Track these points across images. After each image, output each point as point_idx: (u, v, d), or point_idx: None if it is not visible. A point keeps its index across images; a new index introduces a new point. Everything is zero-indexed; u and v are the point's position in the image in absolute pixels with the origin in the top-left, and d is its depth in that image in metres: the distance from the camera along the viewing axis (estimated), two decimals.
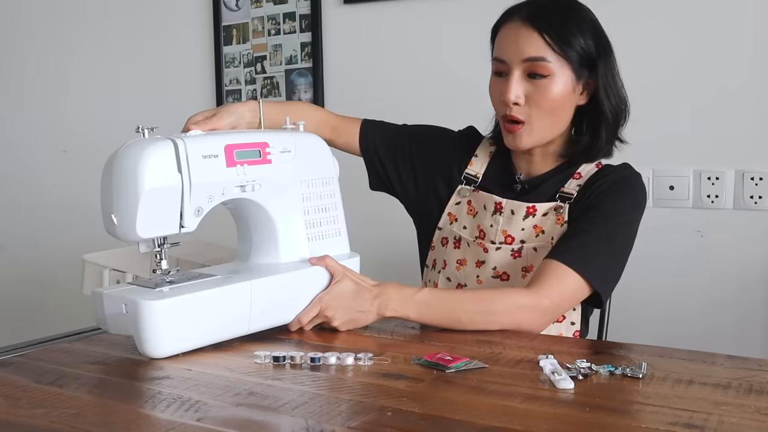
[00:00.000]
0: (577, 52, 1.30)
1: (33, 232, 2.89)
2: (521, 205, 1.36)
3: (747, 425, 0.79)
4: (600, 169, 1.37)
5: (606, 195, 1.31)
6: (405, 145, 1.50)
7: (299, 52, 2.32)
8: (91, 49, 2.73)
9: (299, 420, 0.82)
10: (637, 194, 1.35)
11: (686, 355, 1.06)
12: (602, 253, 1.28)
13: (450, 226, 1.44)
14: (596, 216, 1.29)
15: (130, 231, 1.09)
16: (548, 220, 1.34)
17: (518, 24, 1.31)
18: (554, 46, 1.28)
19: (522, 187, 1.40)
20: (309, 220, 1.28)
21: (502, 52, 1.32)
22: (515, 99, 1.30)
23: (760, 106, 1.77)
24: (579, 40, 1.30)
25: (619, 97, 1.37)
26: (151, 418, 0.85)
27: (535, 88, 1.30)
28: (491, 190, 1.41)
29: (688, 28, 1.82)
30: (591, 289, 1.26)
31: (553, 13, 1.31)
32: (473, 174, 1.45)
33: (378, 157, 1.51)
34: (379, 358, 1.05)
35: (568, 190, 1.35)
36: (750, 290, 1.80)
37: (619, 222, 1.31)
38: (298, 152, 1.26)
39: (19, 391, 0.94)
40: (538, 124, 1.31)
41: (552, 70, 1.29)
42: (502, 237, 1.37)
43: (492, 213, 1.39)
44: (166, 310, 1.06)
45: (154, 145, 1.09)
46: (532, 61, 1.28)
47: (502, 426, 0.80)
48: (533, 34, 1.29)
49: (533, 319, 1.22)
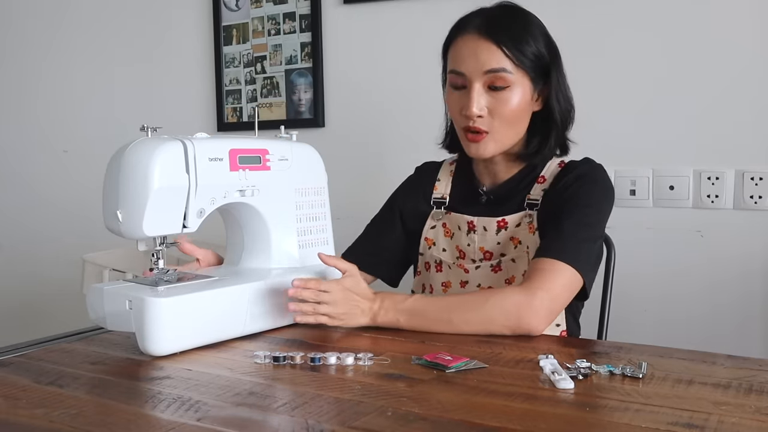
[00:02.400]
0: (533, 61, 1.31)
1: (33, 232, 2.89)
2: (491, 221, 1.38)
3: (747, 425, 0.79)
4: (563, 168, 1.38)
5: (575, 189, 1.33)
6: (388, 225, 1.52)
7: (299, 52, 2.32)
8: (91, 49, 2.73)
9: (299, 420, 0.82)
10: (605, 186, 1.36)
11: (686, 355, 1.06)
12: (584, 241, 1.28)
13: (429, 250, 1.46)
14: (571, 209, 1.30)
15: (136, 228, 1.09)
16: (521, 230, 1.36)
17: (475, 36, 1.31)
18: (513, 57, 1.29)
19: (488, 198, 1.42)
20: (300, 228, 1.31)
21: (460, 65, 1.32)
22: (479, 112, 1.31)
23: (760, 106, 1.77)
24: (534, 49, 1.32)
25: (568, 101, 1.39)
26: (151, 418, 0.85)
27: (496, 99, 1.31)
28: (460, 209, 1.43)
29: (688, 28, 1.82)
30: (582, 280, 1.26)
31: (507, 23, 1.32)
32: (440, 196, 1.48)
33: (387, 259, 1.52)
34: (379, 358, 1.05)
35: (533, 197, 1.37)
36: (750, 290, 1.80)
37: (593, 212, 1.32)
38: (294, 161, 1.29)
39: (19, 391, 0.94)
40: (501, 133, 1.33)
41: (512, 80, 1.30)
42: (480, 254, 1.39)
43: (467, 233, 1.41)
44: (170, 307, 1.07)
45: (164, 145, 1.10)
46: (493, 73, 1.30)
47: (502, 426, 0.80)
48: (491, 46, 1.29)
49: (528, 317, 1.18)
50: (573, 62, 1.40)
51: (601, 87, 1.90)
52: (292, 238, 1.30)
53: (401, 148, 2.16)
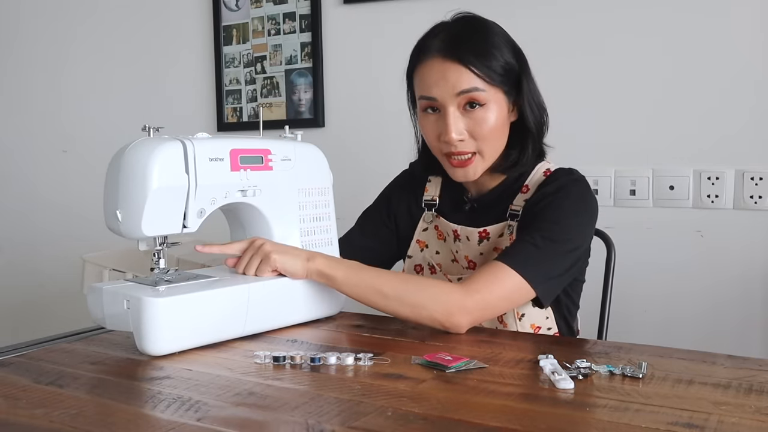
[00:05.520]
0: (501, 74, 1.27)
1: (33, 233, 2.90)
2: (473, 231, 1.36)
3: (747, 425, 0.79)
4: (547, 177, 1.35)
5: (547, 202, 1.28)
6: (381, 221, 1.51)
7: (299, 52, 2.32)
8: (90, 49, 2.73)
9: (299, 420, 0.82)
10: (580, 201, 1.31)
11: (686, 355, 1.06)
12: (545, 255, 1.23)
13: (421, 253, 1.45)
14: (539, 223, 1.26)
15: (135, 228, 1.09)
16: (504, 240, 1.34)
17: (439, 59, 1.27)
18: (482, 75, 1.25)
19: (471, 206, 1.40)
20: (304, 228, 1.30)
21: (430, 91, 1.28)
22: (458, 137, 1.28)
23: (760, 106, 1.77)
24: (502, 62, 1.28)
25: (540, 108, 1.35)
26: (151, 418, 0.85)
27: (473, 120, 1.28)
28: (447, 215, 1.42)
29: (688, 29, 1.82)
30: (534, 292, 1.22)
31: (470, 39, 1.27)
32: (430, 198, 1.47)
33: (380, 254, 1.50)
34: (379, 358, 1.05)
35: (515, 207, 1.34)
36: (750, 290, 1.80)
37: (559, 228, 1.26)
38: (297, 161, 1.28)
39: (19, 391, 0.94)
40: (487, 151, 1.31)
41: (485, 98, 1.27)
42: (465, 263, 1.39)
43: (453, 240, 1.40)
44: (168, 307, 1.06)
45: (163, 145, 1.10)
46: (465, 94, 1.26)
47: (502, 426, 0.80)
48: (459, 67, 1.25)
49: (458, 313, 1.16)
50: (573, 63, 1.40)
51: (601, 87, 1.90)
52: (295, 238, 1.29)
53: (401, 148, 2.15)
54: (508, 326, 1.32)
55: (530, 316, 1.31)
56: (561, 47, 1.36)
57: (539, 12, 1.37)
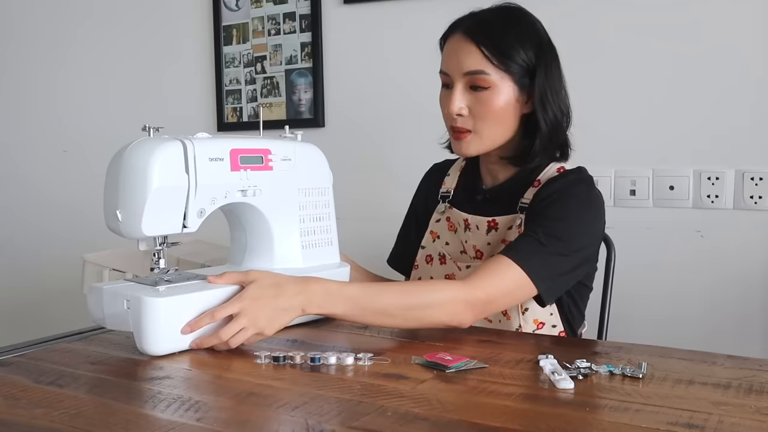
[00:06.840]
0: (517, 64, 1.30)
1: (33, 232, 2.90)
2: (482, 220, 1.38)
3: (747, 425, 0.79)
4: (557, 175, 1.36)
5: (552, 200, 1.30)
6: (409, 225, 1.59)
7: (299, 52, 2.32)
8: (90, 49, 2.73)
9: (299, 420, 0.82)
10: (586, 202, 1.32)
11: (686, 355, 1.06)
12: (550, 252, 1.23)
13: (433, 243, 1.47)
14: (545, 220, 1.27)
15: (135, 228, 1.09)
16: (512, 233, 1.34)
17: (459, 37, 1.32)
18: (493, 59, 1.29)
19: (484, 197, 1.42)
20: (304, 228, 1.31)
21: (445, 66, 1.35)
22: (458, 111, 1.32)
23: (760, 106, 1.77)
24: (519, 52, 1.30)
25: (558, 106, 1.35)
26: (151, 418, 0.85)
27: (477, 100, 1.32)
28: (460, 205, 1.45)
29: (688, 29, 1.82)
30: (536, 289, 1.23)
31: (492, 25, 1.32)
32: (446, 191, 1.50)
33: None
34: (379, 358, 1.05)
35: (525, 200, 1.35)
36: (750, 290, 1.80)
37: (564, 226, 1.26)
38: (297, 161, 1.28)
39: (19, 391, 0.94)
40: (483, 133, 1.33)
41: (492, 82, 1.30)
42: (473, 252, 1.40)
43: (464, 230, 1.42)
44: (168, 307, 1.06)
45: (164, 145, 1.10)
46: (472, 75, 1.30)
47: (502, 426, 0.80)
48: (472, 47, 1.30)
49: (463, 311, 1.16)
50: (573, 63, 1.40)
51: (601, 88, 1.90)
52: (295, 238, 1.29)
53: (401, 148, 2.16)
54: (511, 319, 1.32)
55: (534, 310, 1.32)
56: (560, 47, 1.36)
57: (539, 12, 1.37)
